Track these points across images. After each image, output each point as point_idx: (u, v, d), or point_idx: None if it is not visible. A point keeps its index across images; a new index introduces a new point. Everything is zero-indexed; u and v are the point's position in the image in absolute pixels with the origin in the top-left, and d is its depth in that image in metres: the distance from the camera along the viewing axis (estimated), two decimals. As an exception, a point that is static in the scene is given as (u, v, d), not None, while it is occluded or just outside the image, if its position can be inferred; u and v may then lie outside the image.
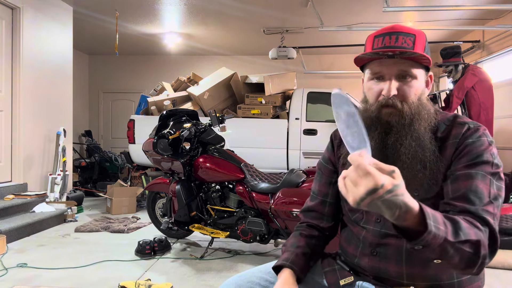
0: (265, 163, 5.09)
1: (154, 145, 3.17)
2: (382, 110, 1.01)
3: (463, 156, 0.97)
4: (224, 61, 8.49)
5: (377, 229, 1.06)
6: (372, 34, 1.05)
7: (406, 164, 0.98)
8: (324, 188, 1.23)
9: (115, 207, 4.99)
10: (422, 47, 1.01)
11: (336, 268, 1.15)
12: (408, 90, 1.00)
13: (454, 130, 1.02)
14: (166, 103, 5.36)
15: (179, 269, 2.91)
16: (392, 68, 1.00)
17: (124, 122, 8.20)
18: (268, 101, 5.26)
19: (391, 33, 1.01)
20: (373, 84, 1.04)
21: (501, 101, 5.50)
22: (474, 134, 0.99)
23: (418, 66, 1.01)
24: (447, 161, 0.99)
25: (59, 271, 2.83)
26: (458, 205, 0.92)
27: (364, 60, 1.05)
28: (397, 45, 0.99)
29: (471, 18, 6.07)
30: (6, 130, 4.57)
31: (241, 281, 1.13)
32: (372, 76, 1.04)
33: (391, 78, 1.00)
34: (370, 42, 1.05)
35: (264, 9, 5.74)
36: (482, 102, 4.47)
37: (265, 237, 3.02)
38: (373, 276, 1.07)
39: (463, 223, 0.85)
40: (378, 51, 0.99)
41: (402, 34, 1.00)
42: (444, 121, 1.06)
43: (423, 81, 1.04)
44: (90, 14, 6.03)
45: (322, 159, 1.28)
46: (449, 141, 1.01)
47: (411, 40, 1.00)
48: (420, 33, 1.02)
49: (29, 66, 4.80)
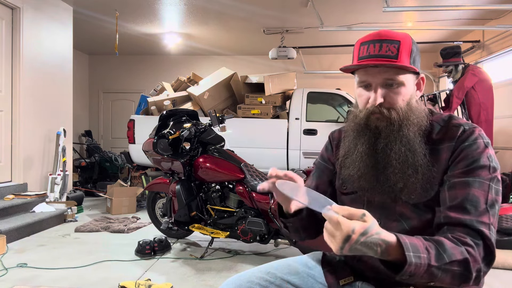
0: (265, 163, 5.09)
1: (154, 145, 3.17)
2: (370, 116, 1.03)
3: (460, 161, 0.97)
4: (224, 61, 8.49)
5: None
6: (359, 40, 1.06)
7: (397, 169, 1.00)
8: (324, 186, 1.23)
9: (115, 207, 4.99)
10: (407, 53, 1.01)
11: (336, 268, 1.15)
12: (395, 97, 1.01)
13: (449, 132, 1.02)
14: (166, 103, 5.36)
15: (179, 269, 2.91)
16: (377, 77, 1.01)
17: (124, 122, 8.20)
18: (268, 101, 5.26)
19: (375, 40, 1.01)
20: (361, 91, 1.06)
21: (501, 101, 5.50)
22: (470, 136, 0.99)
23: (404, 72, 1.01)
24: (443, 165, 0.99)
25: (59, 271, 2.83)
26: (453, 217, 0.93)
27: (351, 69, 1.07)
28: (381, 53, 1.00)
29: (471, 18, 6.07)
30: (6, 130, 4.57)
31: (241, 281, 1.13)
32: (359, 84, 1.06)
33: (376, 87, 1.01)
34: (357, 49, 1.06)
35: (264, 9, 5.75)
36: (482, 102, 4.47)
37: (265, 237, 3.02)
38: (373, 276, 1.07)
39: (447, 244, 0.86)
40: (361, 62, 1.01)
41: (386, 41, 1.00)
42: (439, 121, 1.06)
43: (412, 85, 1.04)
44: (90, 14, 6.03)
45: (321, 159, 1.28)
46: (444, 144, 1.01)
47: (395, 47, 1.00)
48: (405, 38, 1.02)
49: (29, 66, 4.80)
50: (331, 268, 1.16)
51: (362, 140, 1.04)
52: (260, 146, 5.23)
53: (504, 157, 5.59)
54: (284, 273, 1.15)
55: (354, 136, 1.07)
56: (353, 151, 1.06)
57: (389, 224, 1.04)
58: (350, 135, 1.09)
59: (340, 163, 1.14)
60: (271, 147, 5.25)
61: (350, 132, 1.10)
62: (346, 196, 1.16)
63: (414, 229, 1.00)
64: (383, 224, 1.05)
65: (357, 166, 1.04)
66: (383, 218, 1.05)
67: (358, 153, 1.04)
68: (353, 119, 1.08)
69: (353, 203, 1.13)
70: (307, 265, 1.20)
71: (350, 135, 1.09)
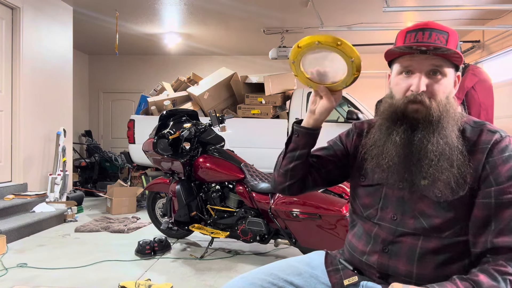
0: (265, 163, 5.08)
1: (154, 145, 3.17)
2: (408, 105, 0.99)
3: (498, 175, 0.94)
4: (224, 61, 8.48)
5: (393, 226, 1.04)
6: (404, 30, 1.03)
7: (434, 162, 0.96)
8: (328, 163, 1.23)
9: (115, 207, 4.99)
10: (455, 46, 0.99)
11: (340, 268, 1.13)
12: (437, 88, 0.99)
13: (483, 135, 0.99)
14: (166, 103, 5.36)
15: (179, 269, 2.91)
16: (423, 63, 0.98)
17: (124, 122, 8.20)
18: (268, 101, 5.26)
19: (424, 29, 0.99)
20: (401, 80, 1.02)
21: (501, 101, 5.50)
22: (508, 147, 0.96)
23: (449, 64, 1.00)
24: (477, 164, 0.97)
25: (59, 271, 2.83)
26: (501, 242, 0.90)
27: (394, 54, 1.04)
28: (430, 41, 0.98)
29: (471, 18, 6.07)
30: (6, 130, 4.57)
31: (243, 284, 1.11)
32: (401, 70, 1.02)
33: (421, 74, 0.99)
34: (402, 37, 1.03)
35: (264, 9, 5.74)
36: (482, 102, 4.47)
37: (265, 237, 3.02)
38: (380, 273, 1.06)
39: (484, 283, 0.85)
40: (412, 45, 0.97)
41: (436, 31, 0.99)
42: (470, 123, 1.03)
43: (452, 80, 1.03)
44: (90, 14, 6.02)
45: (339, 139, 1.26)
46: (479, 146, 0.98)
47: (444, 37, 0.98)
48: (453, 32, 1.01)
49: (29, 66, 4.80)
50: (335, 268, 1.14)
51: (397, 130, 1.00)
52: (260, 146, 5.23)
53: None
54: (286, 274, 1.14)
55: (388, 125, 1.03)
56: (386, 140, 1.02)
57: (406, 220, 1.02)
58: (383, 124, 1.05)
59: (364, 153, 1.11)
60: (271, 147, 5.25)
61: (383, 121, 1.05)
62: (363, 188, 1.13)
63: (433, 228, 0.98)
64: (399, 220, 1.03)
65: (389, 155, 1.01)
66: (399, 214, 1.03)
67: (392, 143, 1.00)
68: (388, 107, 1.04)
69: (369, 195, 1.11)
70: (310, 265, 1.18)
71: (383, 124, 1.05)
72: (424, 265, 0.99)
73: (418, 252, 1.00)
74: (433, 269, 0.99)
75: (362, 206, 1.13)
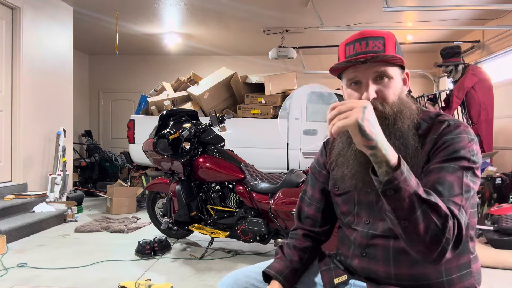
0: (265, 163, 5.09)
1: (154, 145, 3.17)
2: None
3: (440, 152, 0.98)
4: (224, 61, 8.48)
5: (365, 230, 1.08)
6: (343, 43, 1.07)
7: None
8: (318, 195, 1.25)
9: (115, 207, 4.99)
10: (393, 48, 1.02)
11: (332, 267, 1.17)
12: (387, 91, 1.01)
13: (434, 127, 1.03)
14: (166, 103, 5.36)
15: (179, 269, 2.91)
16: (367, 72, 1.01)
17: (124, 122, 8.18)
18: (268, 101, 5.26)
19: (360, 39, 1.02)
20: (352, 91, 1.05)
21: (501, 101, 5.50)
22: (454, 130, 1.00)
23: (392, 66, 1.03)
24: (425, 157, 1.00)
25: (59, 271, 2.83)
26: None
27: (339, 69, 1.07)
28: (368, 49, 1.01)
29: (471, 18, 6.07)
30: (6, 130, 4.57)
31: (238, 276, 1.18)
32: (349, 82, 1.05)
33: (368, 82, 1.01)
34: (342, 51, 1.06)
35: (264, 9, 5.74)
36: (482, 102, 4.48)
37: (265, 237, 3.02)
38: (364, 276, 1.09)
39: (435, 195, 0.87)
40: (351, 59, 1.01)
41: (371, 38, 1.01)
42: (426, 119, 1.06)
43: (400, 79, 1.05)
44: (90, 14, 6.03)
45: (316, 163, 1.29)
46: (428, 138, 1.02)
47: (380, 43, 1.01)
48: (389, 35, 1.03)
49: (29, 66, 4.80)
50: (327, 267, 1.18)
51: None
52: (260, 146, 5.23)
53: (504, 157, 5.59)
54: None
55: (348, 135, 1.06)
56: (347, 149, 1.05)
57: (377, 223, 1.06)
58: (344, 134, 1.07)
59: (333, 163, 1.14)
60: (271, 147, 5.25)
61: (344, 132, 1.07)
62: (339, 197, 1.17)
63: None
64: (371, 223, 1.07)
65: (350, 164, 1.04)
66: (371, 218, 1.07)
67: (352, 151, 1.03)
68: None
69: (345, 203, 1.14)
70: None
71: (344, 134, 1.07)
72: (400, 265, 1.01)
73: (392, 252, 1.02)
74: (408, 268, 1.01)
75: (341, 214, 1.17)
